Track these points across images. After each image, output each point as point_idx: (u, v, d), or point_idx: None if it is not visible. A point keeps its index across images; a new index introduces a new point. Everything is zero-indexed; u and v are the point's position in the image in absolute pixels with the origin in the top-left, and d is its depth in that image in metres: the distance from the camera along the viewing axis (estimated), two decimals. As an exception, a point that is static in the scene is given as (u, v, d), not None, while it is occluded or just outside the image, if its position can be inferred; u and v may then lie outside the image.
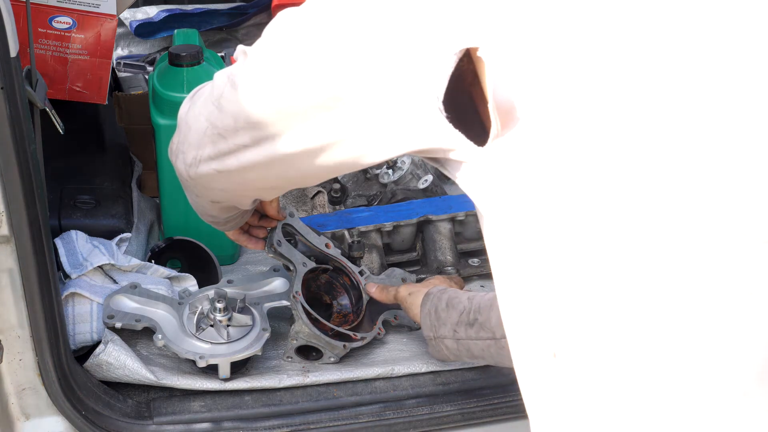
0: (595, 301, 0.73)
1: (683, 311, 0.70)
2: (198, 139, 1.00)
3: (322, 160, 0.87)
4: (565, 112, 0.71)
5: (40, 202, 1.14)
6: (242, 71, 0.91)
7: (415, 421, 1.36)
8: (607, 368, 0.74)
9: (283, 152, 0.90)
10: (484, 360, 1.36)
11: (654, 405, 0.73)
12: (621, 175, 0.70)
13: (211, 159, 1.00)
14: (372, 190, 1.76)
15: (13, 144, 1.07)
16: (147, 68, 1.99)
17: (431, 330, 1.35)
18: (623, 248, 0.71)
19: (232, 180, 1.02)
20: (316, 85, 0.82)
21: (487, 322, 1.30)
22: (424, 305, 1.36)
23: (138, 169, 1.77)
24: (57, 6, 1.54)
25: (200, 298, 1.39)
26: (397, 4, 0.75)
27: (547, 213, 0.73)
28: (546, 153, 0.72)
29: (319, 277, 1.47)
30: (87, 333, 1.36)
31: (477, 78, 0.75)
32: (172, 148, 1.10)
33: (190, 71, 1.49)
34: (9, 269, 1.16)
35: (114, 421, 1.27)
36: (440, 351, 1.36)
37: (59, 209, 1.54)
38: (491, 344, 1.30)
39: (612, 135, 0.70)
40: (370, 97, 0.78)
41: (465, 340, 1.32)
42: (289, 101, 0.85)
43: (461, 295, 1.35)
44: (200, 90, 1.04)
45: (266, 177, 0.99)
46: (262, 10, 2.22)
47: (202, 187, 1.09)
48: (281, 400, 1.35)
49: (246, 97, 0.90)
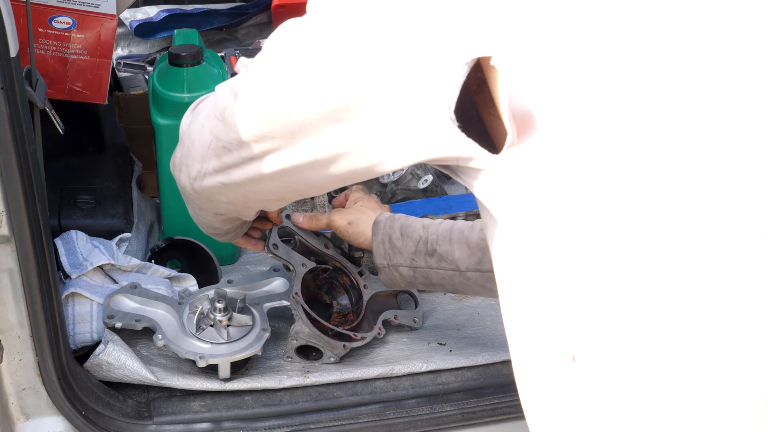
0: (618, 304, 0.72)
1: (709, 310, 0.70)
2: (202, 152, 0.99)
3: (330, 171, 0.87)
4: (586, 120, 0.71)
5: (40, 202, 1.14)
6: (246, 84, 0.90)
7: (415, 421, 1.36)
8: (630, 371, 0.73)
9: (290, 164, 0.89)
10: (442, 288, 1.41)
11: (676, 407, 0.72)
12: (643, 179, 0.70)
13: (216, 172, 0.99)
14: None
15: (13, 144, 1.06)
16: (147, 68, 1.99)
17: (385, 258, 1.38)
18: (650, 251, 0.70)
19: (237, 192, 1.01)
20: (324, 97, 0.81)
21: (448, 254, 1.35)
22: (375, 234, 1.39)
23: (138, 169, 1.77)
24: (57, 6, 1.54)
25: (200, 298, 1.39)
26: (405, 14, 0.75)
27: (570, 219, 0.73)
28: (567, 161, 0.72)
29: (319, 278, 1.47)
30: (87, 333, 1.36)
31: (483, 86, 0.75)
32: (174, 161, 1.09)
33: (190, 71, 1.49)
34: (9, 269, 1.16)
35: (114, 421, 1.27)
36: (393, 278, 1.40)
37: (59, 209, 1.54)
38: (455, 275, 1.36)
39: (631, 143, 0.70)
40: (380, 108, 0.78)
41: (424, 268, 1.37)
42: (295, 114, 0.84)
43: (414, 223, 1.39)
44: (202, 103, 1.04)
45: (273, 189, 0.98)
46: (262, 10, 2.22)
47: (206, 200, 1.09)
48: (281, 400, 1.35)
49: (251, 110, 0.90)
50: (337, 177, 0.88)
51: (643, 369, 0.73)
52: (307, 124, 0.84)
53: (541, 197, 0.74)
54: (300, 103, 0.83)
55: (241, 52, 1.97)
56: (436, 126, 0.75)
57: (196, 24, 2.15)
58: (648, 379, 0.72)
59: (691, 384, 0.71)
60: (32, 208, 1.12)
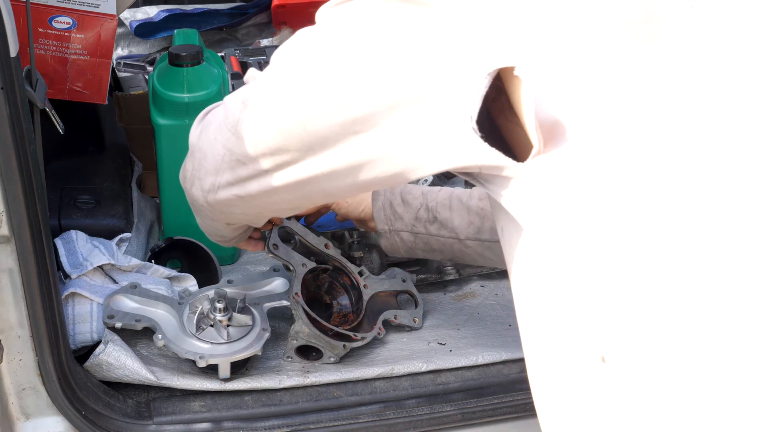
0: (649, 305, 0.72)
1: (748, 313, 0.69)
2: (215, 165, 0.98)
3: (348, 180, 0.86)
4: (616, 129, 0.70)
5: (40, 202, 1.14)
6: (258, 96, 0.89)
7: (415, 421, 1.36)
8: (661, 372, 0.72)
9: (308, 176, 0.88)
10: (441, 254, 1.43)
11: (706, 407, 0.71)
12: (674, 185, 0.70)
13: (230, 185, 0.98)
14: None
15: (13, 144, 1.06)
16: (147, 68, 1.99)
17: (386, 223, 1.41)
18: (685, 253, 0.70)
19: (252, 204, 1.01)
20: (342, 109, 0.80)
21: (448, 221, 1.37)
22: (376, 200, 1.41)
23: (138, 169, 1.77)
24: (57, 6, 1.54)
25: (200, 298, 1.39)
26: (423, 23, 0.74)
27: (603, 224, 0.73)
28: (597, 168, 0.72)
29: (319, 278, 1.47)
30: (87, 333, 1.36)
31: (501, 94, 0.74)
32: (185, 175, 1.08)
33: (190, 71, 1.49)
34: (9, 269, 1.16)
35: (114, 421, 1.27)
36: (394, 244, 1.42)
37: (59, 209, 1.54)
38: (454, 242, 1.38)
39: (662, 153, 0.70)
40: (400, 119, 0.77)
41: (424, 234, 1.39)
42: (312, 126, 0.83)
43: (414, 190, 1.42)
44: (210, 114, 1.02)
45: (289, 199, 0.98)
46: (262, 10, 2.22)
47: (219, 212, 1.08)
48: (281, 400, 1.35)
49: (265, 123, 0.89)
50: (355, 186, 0.88)
51: (674, 369, 0.72)
52: (324, 136, 0.83)
53: (572, 203, 0.74)
54: (317, 116, 0.82)
55: (241, 52, 1.97)
56: (458, 135, 0.75)
57: (196, 24, 2.15)
58: (679, 378, 0.72)
59: (725, 388, 0.70)
60: (32, 208, 1.12)
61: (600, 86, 0.71)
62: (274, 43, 2.11)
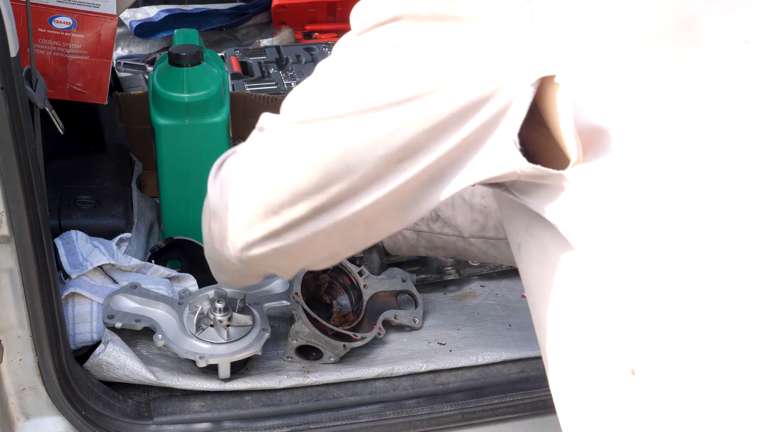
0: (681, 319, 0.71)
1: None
2: (246, 221, 0.94)
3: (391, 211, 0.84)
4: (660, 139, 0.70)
5: (40, 202, 1.14)
6: (288, 140, 0.86)
7: (415, 421, 1.36)
8: (692, 385, 0.72)
9: (351, 212, 0.85)
10: (445, 252, 1.42)
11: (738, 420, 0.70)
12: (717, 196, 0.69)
13: (265, 239, 0.94)
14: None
15: (13, 144, 1.06)
16: (147, 68, 1.99)
17: None
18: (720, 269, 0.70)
19: (291, 255, 0.97)
20: (385, 140, 0.78)
21: (451, 219, 1.35)
22: None
23: (138, 169, 1.77)
24: (57, 6, 1.54)
25: (200, 298, 1.39)
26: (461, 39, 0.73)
27: (640, 236, 0.72)
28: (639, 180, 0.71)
29: (319, 277, 1.47)
30: (87, 333, 1.36)
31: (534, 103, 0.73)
32: (213, 236, 1.04)
33: (190, 71, 1.49)
34: (9, 269, 1.16)
35: (114, 421, 1.27)
36: (396, 242, 1.41)
37: (59, 209, 1.54)
38: (457, 240, 1.37)
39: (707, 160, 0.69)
40: (443, 139, 0.76)
41: (427, 233, 1.38)
42: (354, 161, 0.81)
43: None
44: (225, 170, 0.99)
45: (331, 243, 0.93)
46: (262, 10, 2.22)
47: (254, 268, 1.04)
48: (281, 400, 1.35)
49: (301, 167, 0.85)
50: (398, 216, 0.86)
51: (704, 384, 0.71)
52: (368, 170, 0.81)
53: (614, 215, 0.73)
54: (359, 151, 0.80)
55: (241, 52, 1.97)
56: (498, 148, 0.74)
57: (196, 24, 2.15)
58: (709, 392, 0.71)
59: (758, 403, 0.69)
60: (32, 208, 1.12)
61: (641, 93, 0.70)
62: (274, 43, 2.11)
